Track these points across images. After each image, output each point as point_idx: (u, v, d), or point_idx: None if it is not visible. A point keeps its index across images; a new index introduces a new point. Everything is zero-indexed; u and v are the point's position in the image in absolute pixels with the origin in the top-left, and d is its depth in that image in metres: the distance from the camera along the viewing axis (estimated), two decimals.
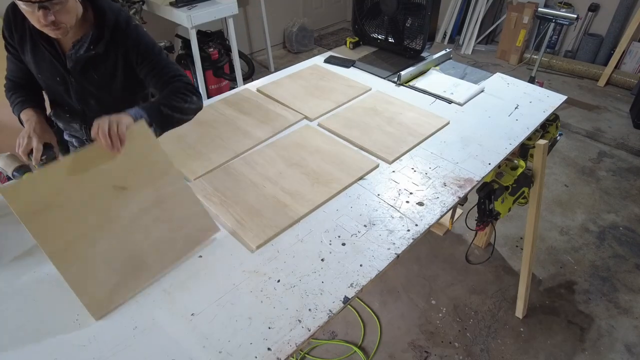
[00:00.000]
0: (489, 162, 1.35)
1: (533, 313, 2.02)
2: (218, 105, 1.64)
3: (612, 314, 2.01)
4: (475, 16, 4.45)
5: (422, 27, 1.87)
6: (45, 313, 0.91)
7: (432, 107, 1.65)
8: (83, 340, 0.86)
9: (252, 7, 4.09)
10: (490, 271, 2.23)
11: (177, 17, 2.83)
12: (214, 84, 3.39)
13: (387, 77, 1.87)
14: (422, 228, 1.12)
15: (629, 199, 2.69)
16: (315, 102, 1.66)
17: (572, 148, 3.15)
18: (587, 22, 4.09)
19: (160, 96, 1.23)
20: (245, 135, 1.47)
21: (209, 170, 1.31)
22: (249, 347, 0.84)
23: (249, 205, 1.17)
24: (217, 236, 1.08)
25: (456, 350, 1.87)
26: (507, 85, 1.80)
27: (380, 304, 2.07)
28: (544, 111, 1.61)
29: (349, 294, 0.95)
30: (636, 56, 3.87)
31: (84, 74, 1.27)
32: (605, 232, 2.45)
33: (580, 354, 1.85)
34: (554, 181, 2.83)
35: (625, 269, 2.23)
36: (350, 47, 2.14)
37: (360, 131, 1.49)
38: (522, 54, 4.31)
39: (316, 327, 0.88)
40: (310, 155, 1.36)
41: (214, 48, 3.28)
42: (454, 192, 1.24)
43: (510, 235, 2.43)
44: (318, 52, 4.59)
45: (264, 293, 0.95)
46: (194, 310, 0.91)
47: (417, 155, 1.39)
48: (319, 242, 1.08)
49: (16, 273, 1.00)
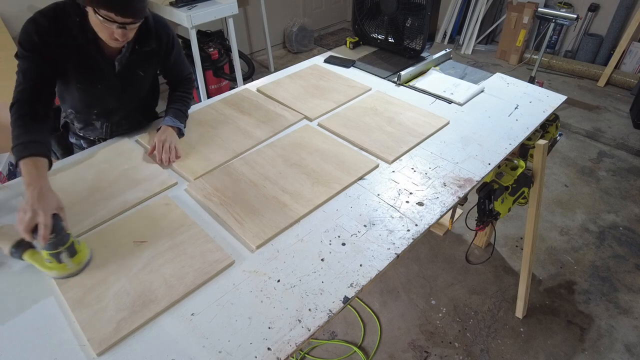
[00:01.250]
0: (489, 162, 1.35)
1: (533, 313, 2.02)
2: (218, 105, 1.64)
3: (612, 314, 2.01)
4: (475, 16, 4.45)
5: (422, 27, 1.86)
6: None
7: (432, 107, 1.65)
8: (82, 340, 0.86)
9: (252, 7, 4.09)
10: (490, 271, 2.23)
11: (177, 17, 2.83)
12: (214, 84, 3.39)
13: (387, 77, 1.87)
14: (422, 228, 1.12)
15: (629, 199, 2.69)
16: (315, 102, 1.66)
17: (572, 148, 3.16)
18: (587, 22, 4.09)
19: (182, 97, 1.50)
20: (245, 135, 1.47)
21: (209, 170, 1.30)
22: (249, 347, 0.84)
23: (249, 205, 1.17)
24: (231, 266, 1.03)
25: (456, 350, 1.87)
26: (507, 85, 1.80)
27: (380, 304, 2.07)
28: (543, 111, 1.61)
29: (349, 293, 0.95)
30: (636, 56, 3.87)
31: (130, 74, 1.35)
32: (605, 232, 2.45)
33: (580, 354, 1.85)
34: (554, 181, 2.83)
35: (625, 269, 2.23)
36: (350, 47, 2.14)
37: (360, 131, 1.49)
38: (522, 54, 4.31)
39: (316, 327, 0.88)
40: (310, 155, 1.36)
41: (214, 48, 3.28)
42: (454, 192, 1.24)
43: (510, 235, 2.43)
44: (318, 52, 4.59)
45: (264, 293, 0.95)
46: (193, 310, 0.91)
47: (417, 155, 1.39)
48: (319, 242, 1.08)
49: (16, 273, 1.00)
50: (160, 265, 1.00)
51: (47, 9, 1.18)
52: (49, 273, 0.97)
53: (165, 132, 1.36)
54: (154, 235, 1.08)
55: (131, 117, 1.49)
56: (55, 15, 1.17)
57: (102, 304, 0.92)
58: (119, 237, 1.07)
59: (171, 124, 1.39)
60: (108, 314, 0.90)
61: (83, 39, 1.21)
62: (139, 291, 0.94)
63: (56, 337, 0.87)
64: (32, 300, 0.94)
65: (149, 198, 1.21)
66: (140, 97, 1.48)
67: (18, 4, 2.68)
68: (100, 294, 0.94)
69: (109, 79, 1.32)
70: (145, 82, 1.45)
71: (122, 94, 1.40)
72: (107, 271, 0.99)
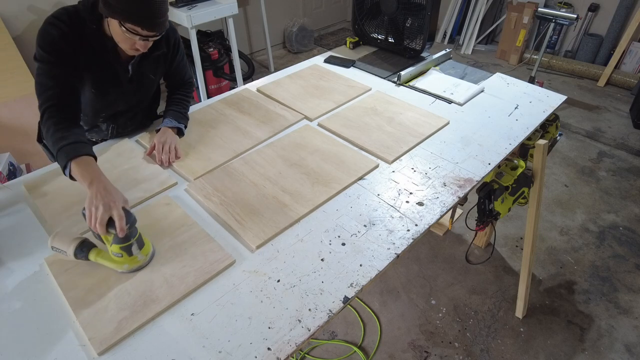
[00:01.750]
0: (489, 162, 1.35)
1: (533, 313, 2.02)
2: (218, 105, 1.64)
3: (612, 314, 2.01)
4: (475, 16, 4.45)
5: (422, 27, 1.87)
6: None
7: (432, 107, 1.65)
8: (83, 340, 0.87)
9: (252, 7, 4.09)
10: (490, 271, 2.23)
11: (177, 17, 2.83)
12: (214, 84, 3.39)
13: (387, 77, 1.87)
14: (422, 228, 1.12)
15: (629, 199, 2.69)
16: (315, 102, 1.66)
17: (572, 148, 3.16)
18: (587, 22, 4.09)
19: (181, 100, 1.50)
20: (245, 135, 1.47)
21: (209, 170, 1.31)
22: (249, 347, 0.84)
23: (249, 205, 1.17)
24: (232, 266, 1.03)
25: (456, 350, 1.87)
26: (507, 85, 1.80)
27: (380, 304, 2.07)
28: (543, 111, 1.61)
29: (349, 293, 0.95)
30: (636, 56, 3.87)
31: (142, 78, 1.37)
32: (605, 232, 2.45)
33: (580, 354, 1.85)
34: (554, 181, 2.83)
35: (625, 269, 2.23)
36: (350, 47, 2.14)
37: (360, 131, 1.49)
38: (522, 54, 4.31)
39: (316, 327, 0.88)
40: (310, 155, 1.36)
41: (214, 48, 3.28)
42: (454, 192, 1.24)
43: (510, 235, 2.43)
44: (318, 52, 4.59)
45: (264, 293, 0.95)
46: (193, 310, 0.91)
47: (417, 155, 1.39)
48: (319, 242, 1.08)
49: (18, 272, 1.00)
50: (161, 265, 1.00)
51: (59, 14, 1.16)
52: (119, 268, 0.97)
53: (165, 133, 1.36)
54: (154, 235, 1.08)
55: (136, 119, 1.50)
56: (71, 20, 1.16)
57: (103, 304, 0.92)
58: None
59: (171, 125, 1.40)
60: (109, 314, 0.90)
61: (100, 45, 1.21)
62: (140, 291, 0.94)
63: (56, 336, 0.87)
64: (32, 300, 0.94)
65: (149, 198, 1.21)
66: (147, 100, 1.50)
67: (18, 4, 2.68)
68: (101, 293, 0.94)
69: (123, 84, 1.33)
70: (154, 85, 1.47)
71: (133, 98, 1.41)
72: (108, 271, 0.99)
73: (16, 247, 1.07)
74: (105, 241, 0.99)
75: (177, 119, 1.42)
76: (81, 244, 0.97)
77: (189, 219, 1.13)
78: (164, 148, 1.32)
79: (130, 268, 0.97)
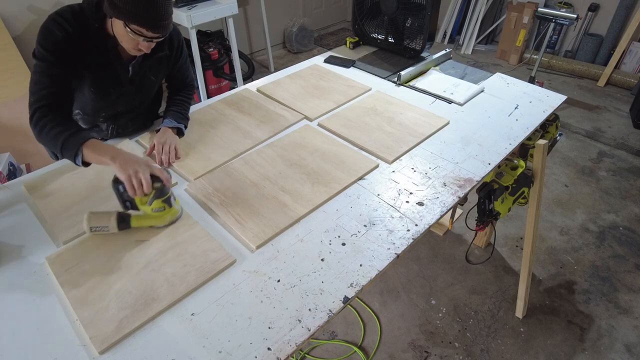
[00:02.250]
0: (489, 162, 1.35)
1: (533, 313, 2.02)
2: (218, 105, 1.64)
3: (612, 314, 2.01)
4: (475, 16, 4.45)
5: (422, 27, 1.87)
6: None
7: (432, 107, 1.65)
8: (84, 340, 0.87)
9: (252, 7, 4.09)
10: (490, 271, 2.23)
11: (177, 17, 2.83)
12: (214, 84, 3.39)
13: (387, 77, 1.87)
14: (422, 228, 1.12)
15: (629, 199, 2.69)
16: (315, 102, 1.66)
17: (572, 148, 3.16)
18: (587, 22, 4.09)
19: (182, 101, 1.49)
20: (245, 135, 1.47)
21: (209, 170, 1.31)
22: (249, 347, 0.85)
23: (249, 205, 1.17)
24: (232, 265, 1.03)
25: (456, 350, 1.87)
26: (507, 85, 1.80)
27: (380, 304, 2.07)
28: (543, 111, 1.61)
29: (349, 293, 0.95)
30: (636, 56, 3.87)
31: (142, 79, 1.37)
32: (605, 232, 2.45)
33: (580, 354, 1.86)
34: (554, 181, 2.83)
35: (625, 269, 2.23)
36: (350, 47, 2.14)
37: (360, 131, 1.49)
38: (522, 54, 4.31)
39: (316, 327, 0.88)
40: (310, 155, 1.36)
41: (213, 48, 3.28)
42: (454, 192, 1.24)
43: (510, 235, 2.43)
44: (318, 52, 4.59)
45: (264, 293, 0.95)
46: (193, 310, 0.91)
47: (417, 155, 1.39)
48: (319, 242, 1.08)
49: (18, 273, 1.00)
50: (162, 265, 1.00)
51: (64, 12, 1.16)
52: (161, 222, 1.06)
53: (165, 133, 1.36)
54: (155, 234, 1.08)
55: (136, 120, 1.50)
56: (75, 20, 1.16)
57: (104, 303, 0.92)
58: (121, 236, 1.07)
59: (171, 125, 1.40)
60: (110, 313, 0.90)
61: (101, 45, 1.21)
62: (141, 290, 0.94)
63: (57, 336, 0.87)
64: (32, 299, 0.94)
65: None
66: (148, 101, 1.50)
67: (18, 4, 2.68)
68: (102, 292, 0.94)
69: (123, 84, 1.33)
70: (155, 86, 1.47)
71: (133, 99, 1.41)
72: (109, 270, 0.99)
73: (16, 247, 1.07)
74: (139, 204, 1.05)
75: (177, 120, 1.42)
76: (120, 215, 1.04)
77: (189, 219, 1.13)
78: (164, 148, 1.32)
79: (172, 219, 1.07)
